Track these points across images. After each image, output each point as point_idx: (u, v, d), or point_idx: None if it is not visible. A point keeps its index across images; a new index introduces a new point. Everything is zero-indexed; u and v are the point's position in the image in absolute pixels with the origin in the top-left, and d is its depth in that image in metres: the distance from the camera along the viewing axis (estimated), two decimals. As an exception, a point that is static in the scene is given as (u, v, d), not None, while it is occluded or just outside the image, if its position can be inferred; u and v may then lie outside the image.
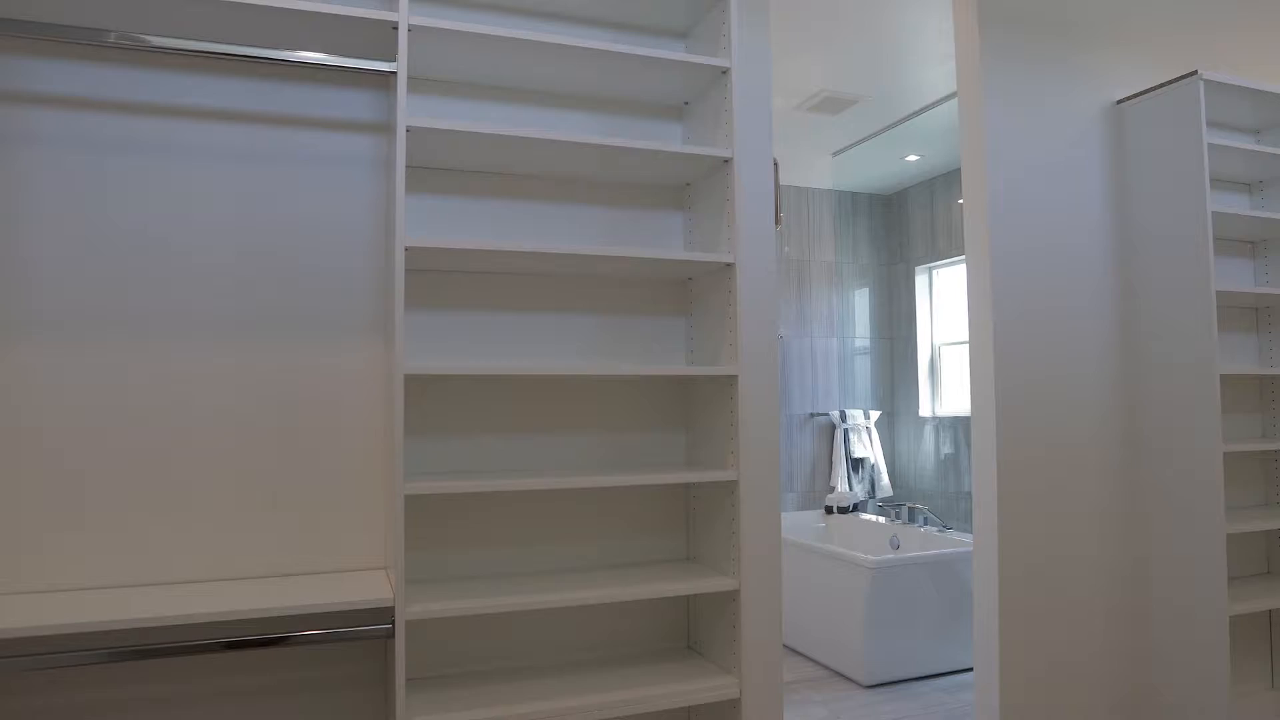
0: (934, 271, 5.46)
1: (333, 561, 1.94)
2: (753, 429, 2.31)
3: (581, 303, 2.19)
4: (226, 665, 1.86)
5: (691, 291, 2.27)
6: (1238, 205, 3.04)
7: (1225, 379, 2.94)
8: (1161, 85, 2.70)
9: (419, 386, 2.03)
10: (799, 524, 5.14)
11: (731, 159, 2.02)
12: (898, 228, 5.69)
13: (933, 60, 3.78)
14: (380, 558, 1.97)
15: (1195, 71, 2.60)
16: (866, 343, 5.66)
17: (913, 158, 5.07)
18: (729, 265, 2.01)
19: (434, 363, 2.04)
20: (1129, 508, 2.78)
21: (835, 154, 5.09)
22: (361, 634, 1.76)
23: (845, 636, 3.80)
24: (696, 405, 2.21)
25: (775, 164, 4.02)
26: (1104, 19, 2.88)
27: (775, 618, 2.31)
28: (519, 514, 2.10)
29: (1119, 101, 2.86)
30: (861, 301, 5.67)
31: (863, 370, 5.64)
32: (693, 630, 2.21)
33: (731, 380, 2.00)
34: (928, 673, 3.84)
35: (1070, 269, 2.74)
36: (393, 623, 1.72)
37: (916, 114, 4.43)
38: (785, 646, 4.29)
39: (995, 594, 2.57)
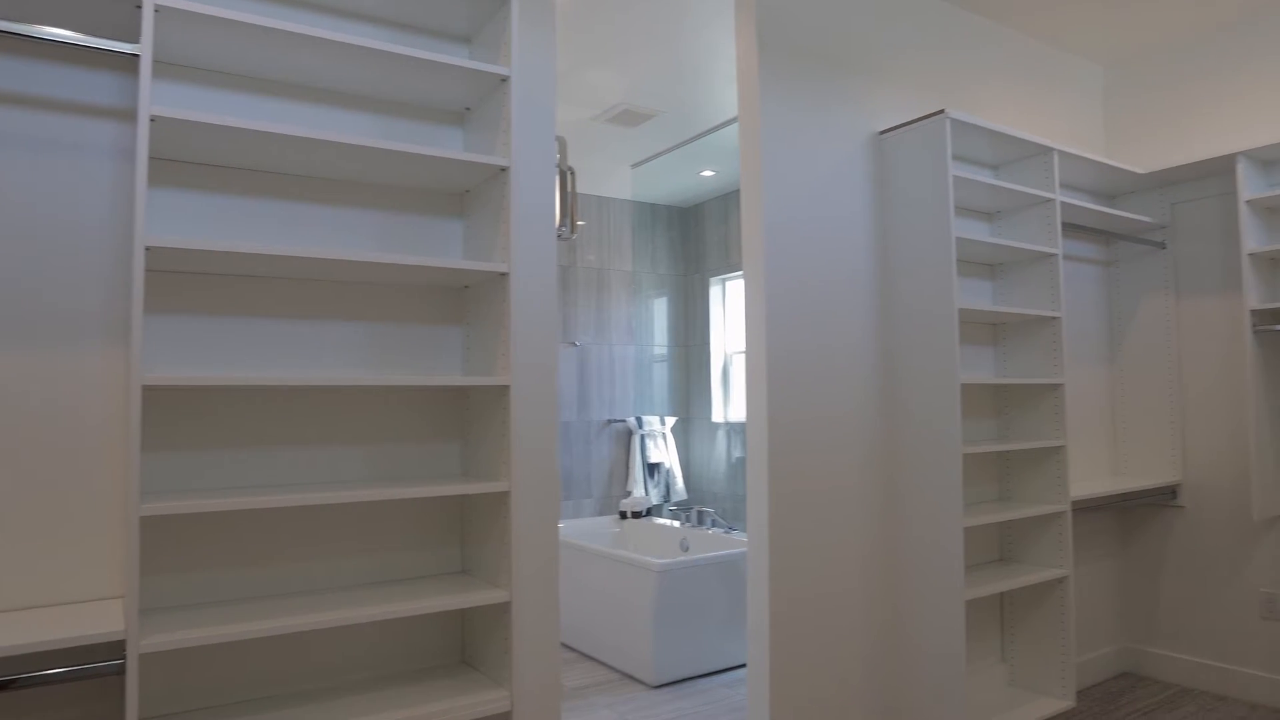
0: (727, 283, 5.71)
1: (66, 592, 1.75)
2: (528, 439, 2.30)
3: (352, 310, 2.11)
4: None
5: (468, 300, 2.24)
6: (979, 232, 3.38)
7: (966, 388, 3.26)
8: (915, 120, 2.96)
9: (165, 398, 1.87)
10: (594, 529, 5.20)
11: (509, 168, 2.01)
12: (694, 239, 5.90)
13: (727, 80, 3.95)
14: (121, 586, 1.80)
15: (943, 111, 2.86)
16: (664, 350, 5.82)
17: (708, 173, 5.28)
18: (503, 275, 2.00)
19: (178, 372, 1.89)
20: (886, 506, 3.02)
21: (634, 166, 5.21)
22: (87, 672, 1.60)
23: (634, 639, 3.88)
24: (472, 416, 2.18)
25: (571, 172, 4.05)
26: (870, 56, 3.11)
27: (552, 627, 2.31)
28: (280, 532, 1.98)
29: (881, 132, 3.10)
30: (660, 310, 5.83)
31: (660, 377, 5.79)
32: (467, 644, 2.18)
33: (504, 390, 1.98)
34: (714, 669, 3.98)
35: (837, 286, 2.94)
36: (125, 658, 1.57)
37: (710, 131, 4.61)
38: (577, 652, 4.32)
39: (766, 592, 2.71)
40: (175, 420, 1.88)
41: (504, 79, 2.06)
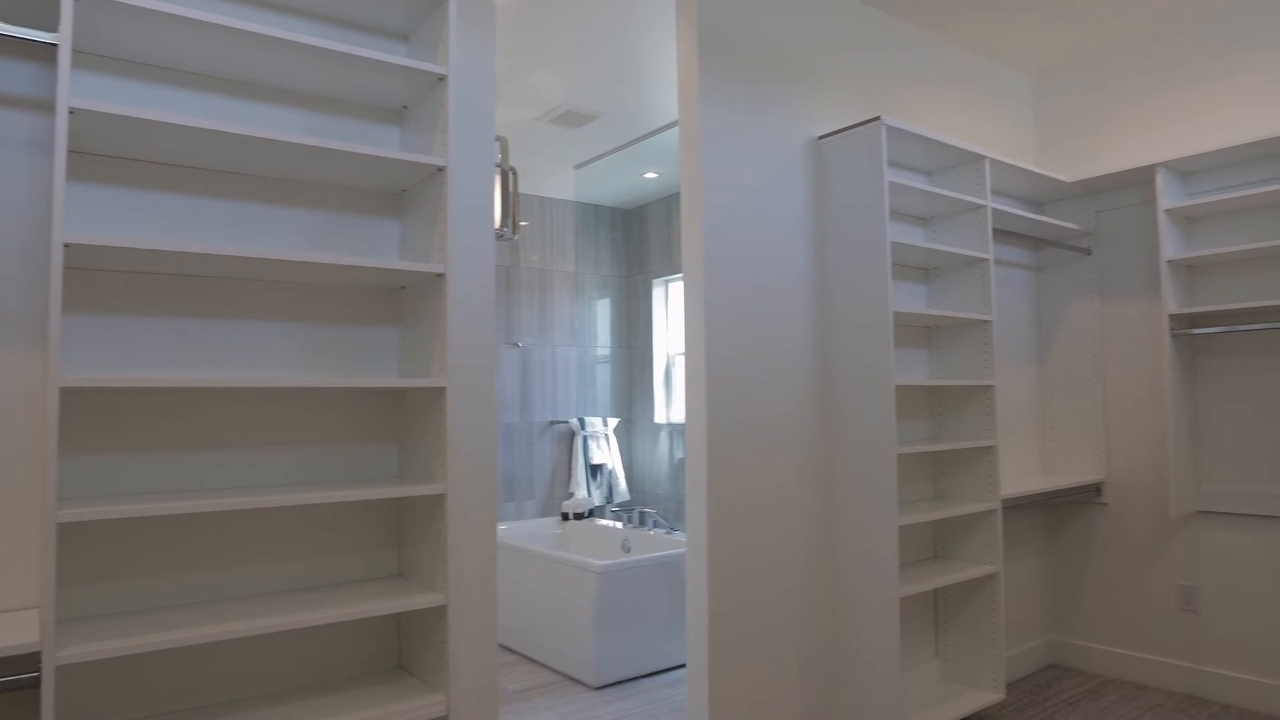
0: (669, 285, 5.73)
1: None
2: (465, 441, 2.28)
3: (286, 310, 2.06)
4: None
5: (405, 300, 2.21)
6: (914, 237, 3.46)
7: (901, 389, 3.32)
8: (852, 126, 3.01)
9: (90, 400, 1.81)
10: (536, 531, 5.18)
11: (446, 168, 2.00)
12: (638, 241, 5.92)
13: (669, 83, 3.97)
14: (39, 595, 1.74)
15: (878, 117, 2.91)
16: (607, 351, 5.83)
17: (651, 175, 5.30)
18: (440, 275, 1.98)
19: (100, 374, 1.83)
20: (824, 506, 3.07)
21: (577, 167, 5.20)
22: (2, 686, 1.54)
23: (576, 640, 3.87)
24: (409, 418, 2.16)
25: (513, 173, 4.03)
26: (809, 62, 3.16)
27: (490, 630, 2.30)
28: (213, 537, 1.93)
29: (819, 138, 3.15)
30: (602, 311, 5.83)
31: (603, 378, 5.80)
32: (404, 649, 2.15)
33: (440, 392, 1.97)
34: (656, 669, 4.00)
35: (776, 288, 2.98)
36: (40, 670, 1.51)
37: (653, 133, 4.63)
38: (519, 654, 4.30)
39: (705, 593, 2.73)
40: (102, 423, 1.82)
41: (441, 78, 2.04)
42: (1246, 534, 3.40)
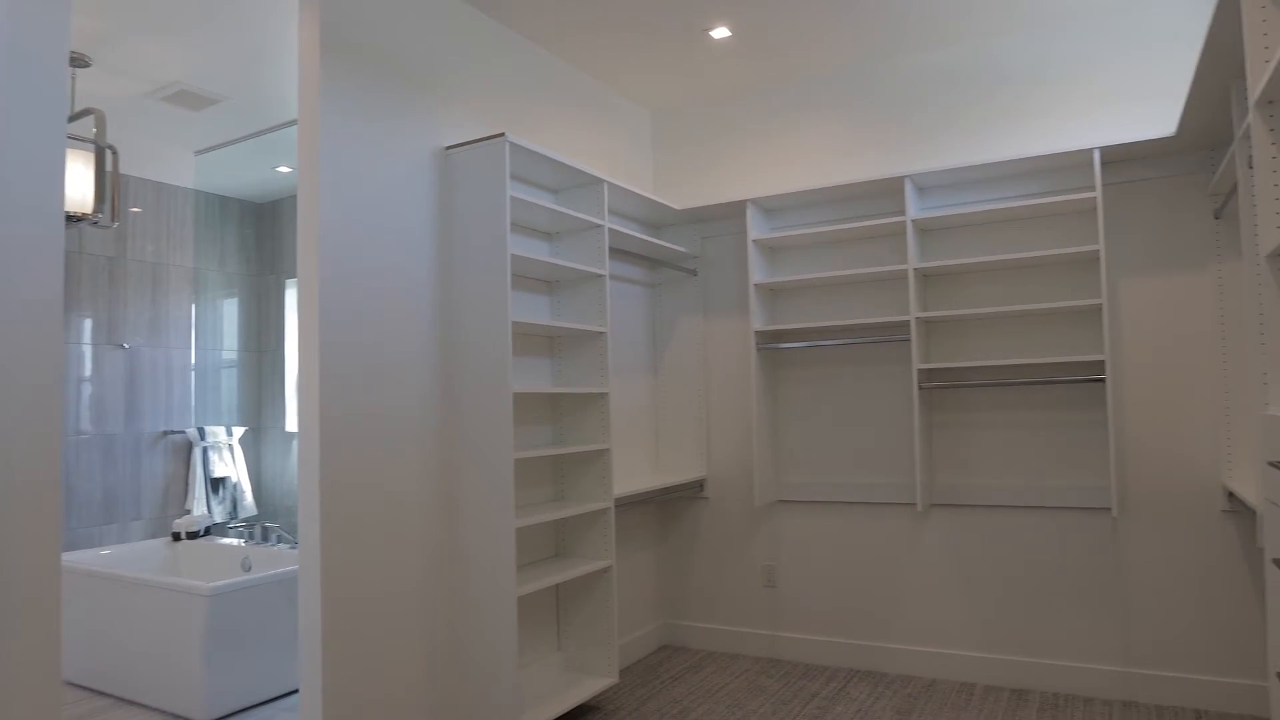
0: (307, 285, 5.44)
1: None
2: (15, 458, 1.98)
3: None
4: None
5: (-68, 293, 1.88)
6: (540, 251, 3.63)
7: (526, 395, 3.47)
8: (478, 140, 3.09)
9: None
10: (141, 554, 4.63)
11: (-16, 142, 1.73)
12: (270, 237, 5.54)
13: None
14: None
15: (503, 134, 3.02)
16: (233, 355, 5.38)
17: (285, 169, 5.00)
18: (-28, 266, 1.71)
19: None
20: (446, 512, 3.10)
21: (199, 153, 4.76)
22: None
23: (182, 673, 3.53)
24: (-66, 431, 1.83)
25: (113, 151, 3.60)
26: (440, 71, 3.19)
27: (51, 678, 2.01)
28: None
29: (448, 148, 3.18)
30: (229, 311, 5.38)
31: (228, 384, 5.34)
32: (-79, 704, 1.82)
33: (-31, 402, 1.70)
34: (277, 694, 3.76)
35: (398, 294, 2.96)
36: None
37: (284, 126, 4.38)
38: (114, 697, 3.81)
39: (318, 607, 2.63)
40: None
41: (-18, 38, 1.76)
42: (812, 518, 4.02)
